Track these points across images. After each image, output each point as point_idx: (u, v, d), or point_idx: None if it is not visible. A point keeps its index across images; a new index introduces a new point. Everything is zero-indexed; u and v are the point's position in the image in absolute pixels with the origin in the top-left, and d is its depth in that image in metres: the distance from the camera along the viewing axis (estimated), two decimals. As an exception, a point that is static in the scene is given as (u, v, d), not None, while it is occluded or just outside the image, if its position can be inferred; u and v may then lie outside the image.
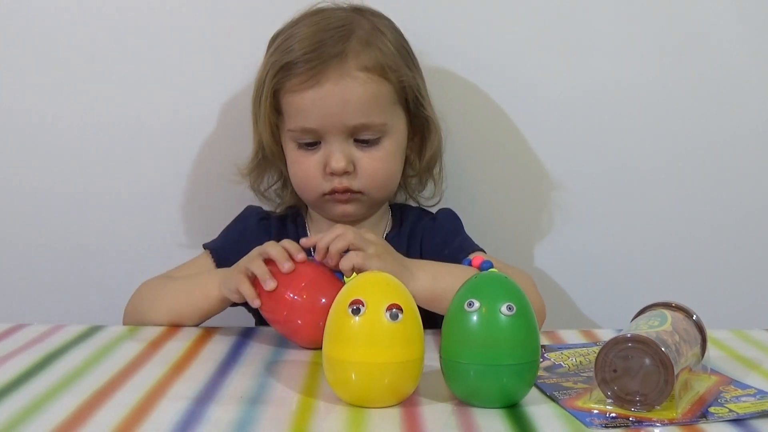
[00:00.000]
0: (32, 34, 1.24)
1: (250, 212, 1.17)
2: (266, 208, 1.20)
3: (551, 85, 1.25)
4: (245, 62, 1.15)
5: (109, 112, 1.26)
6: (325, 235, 0.95)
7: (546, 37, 1.25)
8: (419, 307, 0.77)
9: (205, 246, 1.14)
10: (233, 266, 0.99)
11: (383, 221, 1.16)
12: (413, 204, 1.21)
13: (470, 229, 1.15)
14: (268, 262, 0.95)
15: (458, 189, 1.24)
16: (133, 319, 1.07)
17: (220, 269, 1.06)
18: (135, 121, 1.26)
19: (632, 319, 0.83)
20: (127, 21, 1.24)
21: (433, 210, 1.19)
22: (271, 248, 0.95)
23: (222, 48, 1.24)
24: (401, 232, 1.14)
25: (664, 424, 0.71)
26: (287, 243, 0.96)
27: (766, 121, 1.27)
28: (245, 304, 1.05)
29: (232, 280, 0.97)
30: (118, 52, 1.24)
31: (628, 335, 0.74)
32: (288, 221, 1.17)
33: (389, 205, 1.18)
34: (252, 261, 0.95)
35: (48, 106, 1.25)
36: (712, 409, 0.74)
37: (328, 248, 0.95)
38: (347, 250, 0.94)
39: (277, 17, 1.12)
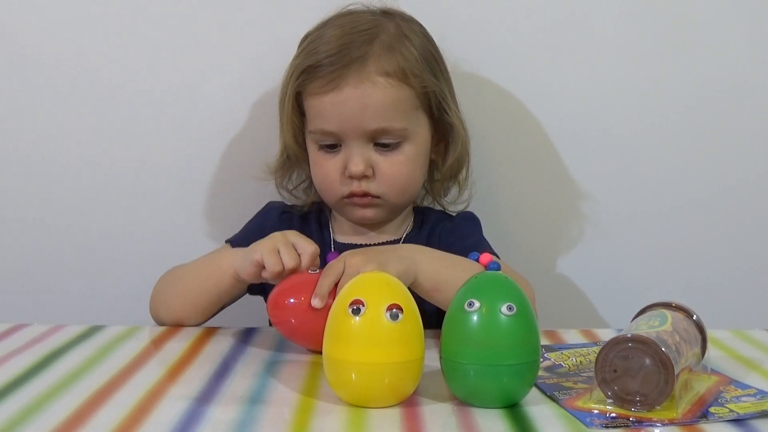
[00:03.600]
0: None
1: (271, 207, 1.17)
2: (289, 203, 1.19)
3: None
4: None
5: (113, 111, 1.26)
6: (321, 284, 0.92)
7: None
8: (419, 307, 0.77)
9: (227, 240, 1.14)
10: (251, 248, 0.97)
11: (405, 223, 1.16)
12: (438, 207, 1.20)
13: (489, 230, 1.16)
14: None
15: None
16: (156, 304, 1.07)
17: (235, 249, 1.05)
18: (139, 121, 1.26)
19: (632, 319, 0.83)
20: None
21: None
22: (309, 250, 0.94)
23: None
24: (421, 233, 1.14)
25: (664, 424, 0.71)
26: (308, 249, 0.95)
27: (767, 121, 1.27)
28: (256, 290, 1.06)
29: (255, 252, 0.95)
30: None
31: (629, 335, 0.74)
32: (311, 219, 1.16)
33: (413, 208, 1.18)
34: (288, 250, 0.94)
35: (53, 103, 1.25)
36: (712, 409, 0.74)
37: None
38: None
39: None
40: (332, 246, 1.13)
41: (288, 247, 0.94)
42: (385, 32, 1.07)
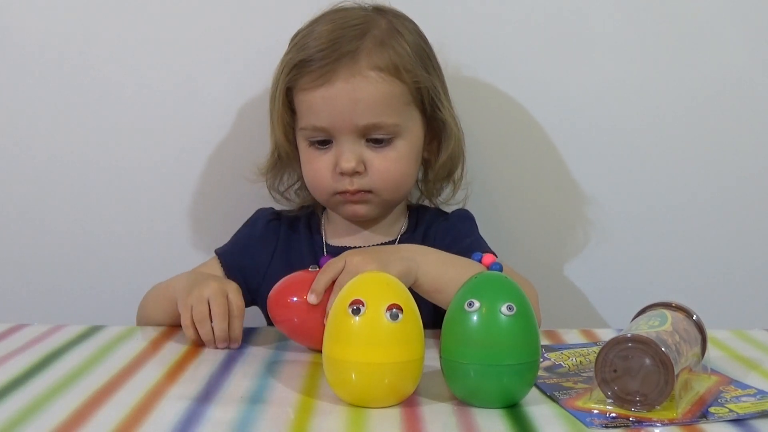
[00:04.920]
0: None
1: (258, 215, 1.17)
2: (279, 208, 1.19)
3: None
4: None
5: (114, 111, 1.26)
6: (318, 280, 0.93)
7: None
8: (419, 307, 0.77)
9: (216, 251, 1.13)
10: (188, 290, 0.96)
11: (399, 222, 1.15)
12: (431, 206, 1.20)
13: (487, 231, 1.16)
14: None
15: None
16: (138, 320, 1.09)
17: (187, 280, 1.02)
18: (139, 121, 1.26)
19: (632, 319, 0.83)
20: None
21: None
22: (213, 301, 0.94)
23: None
24: (416, 233, 1.13)
25: (664, 424, 0.71)
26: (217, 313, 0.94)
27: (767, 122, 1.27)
28: (248, 302, 1.06)
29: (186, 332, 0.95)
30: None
31: (629, 335, 0.74)
32: (300, 223, 1.16)
33: (407, 206, 1.17)
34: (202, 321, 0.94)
35: (52, 103, 1.25)
36: (712, 409, 0.74)
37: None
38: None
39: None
40: (324, 249, 1.13)
41: (204, 322, 0.93)
42: (377, 27, 1.07)
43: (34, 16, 1.24)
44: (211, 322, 0.93)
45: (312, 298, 0.89)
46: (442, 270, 0.96)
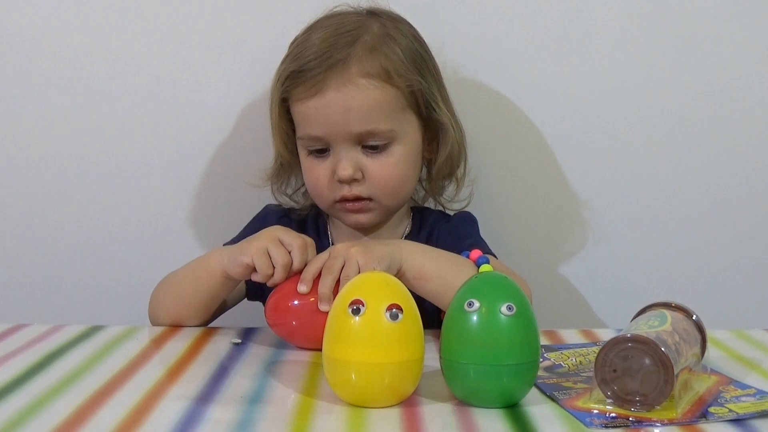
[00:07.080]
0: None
1: (268, 211, 1.17)
2: (287, 207, 1.19)
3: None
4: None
5: (115, 111, 1.26)
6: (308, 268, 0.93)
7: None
8: (419, 307, 0.78)
9: (225, 245, 1.13)
10: (240, 248, 0.97)
11: (403, 224, 1.15)
12: (435, 207, 1.20)
13: (489, 231, 1.16)
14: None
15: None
16: (155, 310, 1.06)
17: (224, 248, 1.03)
18: (140, 121, 1.26)
19: (632, 319, 0.83)
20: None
21: None
22: (296, 243, 0.94)
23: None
24: (420, 235, 1.13)
25: (664, 424, 0.71)
26: (296, 243, 0.94)
27: (766, 121, 1.27)
28: (255, 296, 1.06)
29: (244, 255, 0.94)
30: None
31: (628, 335, 0.74)
32: (308, 224, 1.16)
33: (410, 208, 1.18)
34: (278, 249, 0.94)
35: (53, 102, 1.25)
36: (711, 409, 0.74)
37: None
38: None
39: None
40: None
41: (278, 246, 0.94)
42: (368, 33, 1.06)
43: (35, 16, 1.24)
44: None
45: (302, 288, 0.90)
46: (427, 258, 0.96)
